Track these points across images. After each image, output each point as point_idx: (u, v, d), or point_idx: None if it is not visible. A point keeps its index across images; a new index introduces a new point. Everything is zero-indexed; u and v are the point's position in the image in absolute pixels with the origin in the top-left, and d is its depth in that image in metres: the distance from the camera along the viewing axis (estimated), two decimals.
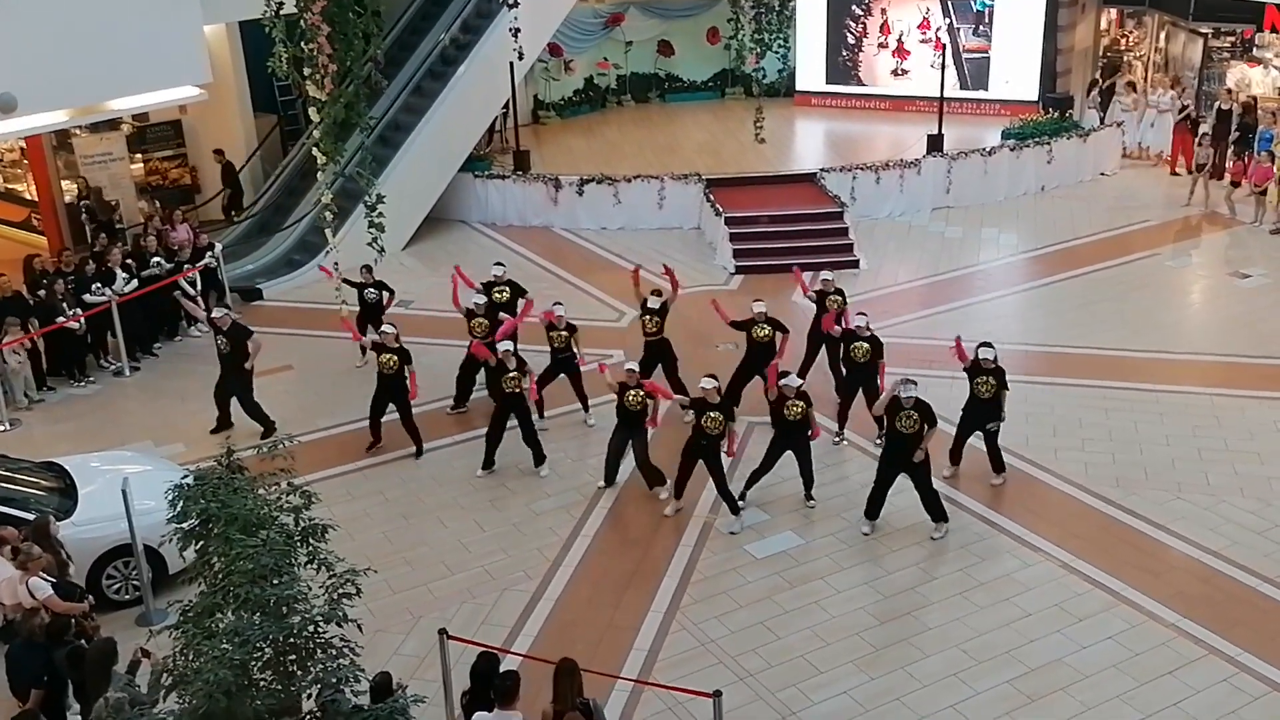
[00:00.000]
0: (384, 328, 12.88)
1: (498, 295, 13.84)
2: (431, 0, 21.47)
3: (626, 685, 9.23)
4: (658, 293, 13.39)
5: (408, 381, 12.62)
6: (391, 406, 12.75)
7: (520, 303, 13.99)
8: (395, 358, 12.52)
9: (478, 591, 10.58)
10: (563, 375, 13.27)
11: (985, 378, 11.57)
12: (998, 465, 11.92)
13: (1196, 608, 9.98)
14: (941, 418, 11.60)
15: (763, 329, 12.77)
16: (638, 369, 11.98)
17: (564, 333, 13.08)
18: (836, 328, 12.75)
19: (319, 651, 6.52)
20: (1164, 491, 11.71)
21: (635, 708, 9.12)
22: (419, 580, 10.77)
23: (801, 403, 11.26)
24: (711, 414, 11.08)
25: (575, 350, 13.16)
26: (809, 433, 11.41)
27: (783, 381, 11.33)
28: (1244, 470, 12.03)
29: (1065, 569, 10.60)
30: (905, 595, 10.36)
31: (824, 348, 13.38)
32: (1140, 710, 8.93)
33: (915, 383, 11.03)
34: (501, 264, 14.64)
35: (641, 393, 11.59)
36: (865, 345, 12.28)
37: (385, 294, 14.56)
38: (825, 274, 13.61)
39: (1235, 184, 19.05)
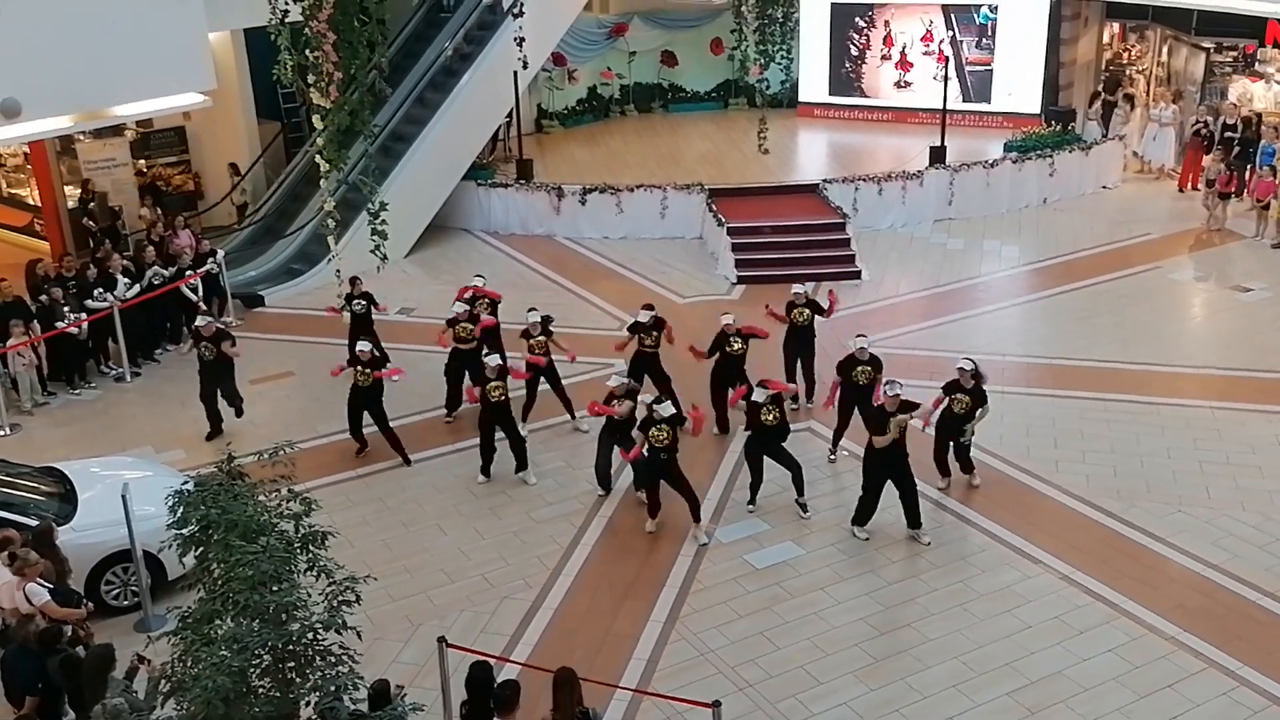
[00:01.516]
0: (359, 345, 12.89)
1: (480, 308, 13.81)
2: (436, 9, 21.53)
3: (626, 695, 9.22)
4: (650, 306, 13.41)
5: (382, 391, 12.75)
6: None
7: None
8: (370, 371, 12.57)
9: (477, 600, 10.57)
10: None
11: (961, 395, 11.59)
12: (967, 467, 11.96)
13: (1197, 621, 9.97)
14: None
15: (737, 341, 12.82)
16: (627, 380, 12.04)
17: (540, 338, 13.12)
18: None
19: (318, 659, 6.52)
20: (1165, 504, 11.70)
21: (634, 717, 9.10)
22: (418, 588, 10.76)
23: (776, 408, 11.32)
24: (657, 428, 11.06)
25: (554, 348, 13.24)
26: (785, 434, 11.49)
27: (758, 396, 11.37)
28: (1245, 484, 12.02)
29: (1065, 581, 10.58)
30: (905, 606, 10.34)
31: (799, 360, 13.42)
32: None
33: (900, 384, 11.05)
34: (481, 275, 14.61)
35: (629, 402, 11.61)
36: (868, 368, 12.22)
37: (372, 306, 14.53)
38: (796, 287, 13.59)
39: (1224, 196, 19.01)
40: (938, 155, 20.06)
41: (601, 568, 11.01)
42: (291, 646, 6.43)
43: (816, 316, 13.42)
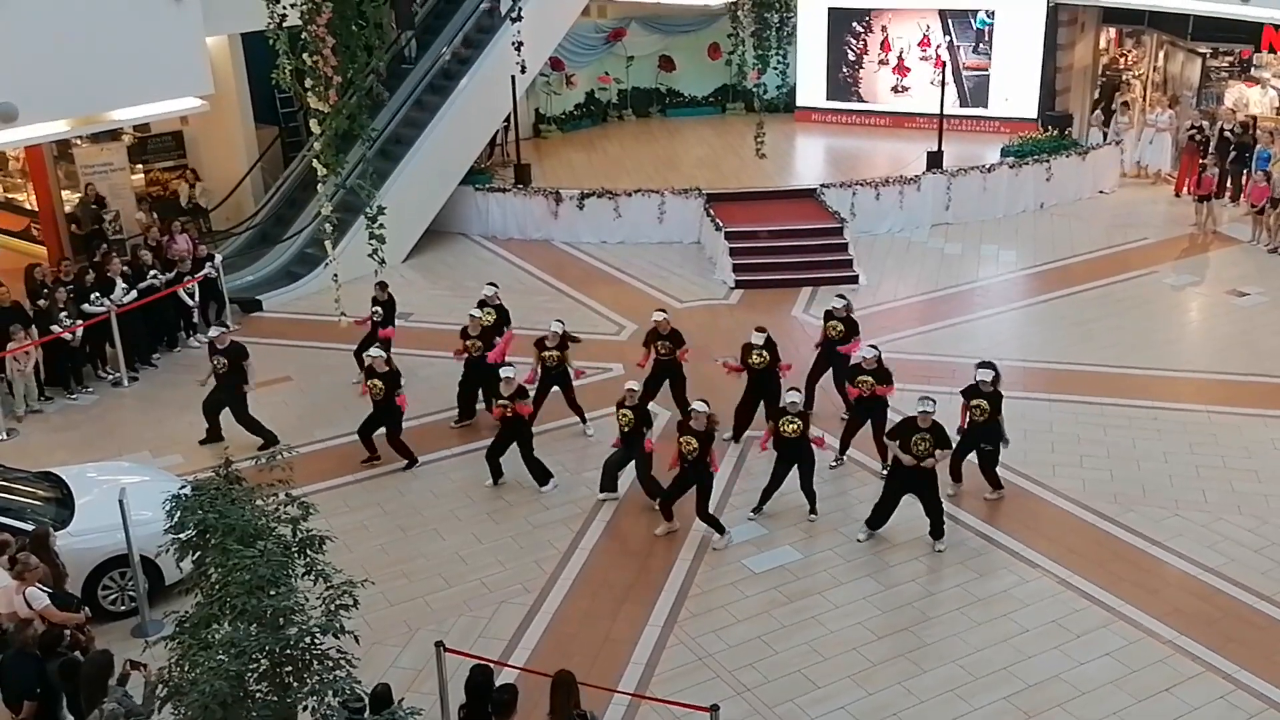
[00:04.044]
0: (371, 351, 12.87)
1: (485, 318, 13.74)
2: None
3: (624, 699, 9.21)
4: (663, 310, 13.43)
5: (397, 403, 12.62)
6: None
7: (504, 330, 13.92)
8: (381, 384, 12.51)
9: (475, 604, 10.56)
10: (556, 389, 13.31)
11: (980, 401, 11.61)
12: (994, 482, 11.94)
13: (1193, 625, 9.98)
14: None
15: (760, 355, 12.73)
16: (638, 388, 11.98)
17: (555, 351, 13.08)
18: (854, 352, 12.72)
19: (315, 663, 6.52)
20: (1161, 508, 11.71)
21: None
22: (416, 592, 10.75)
23: (799, 420, 11.29)
24: (688, 439, 11.05)
25: (569, 366, 13.19)
26: (810, 444, 11.40)
27: (787, 398, 11.37)
28: (1241, 487, 12.03)
29: (1063, 585, 10.59)
30: (903, 611, 10.35)
31: (831, 366, 13.39)
32: None
33: (934, 401, 11.02)
34: (494, 284, 14.53)
35: (631, 414, 11.63)
36: (870, 380, 12.18)
37: (388, 319, 14.42)
38: (837, 300, 13.43)
39: (1203, 199, 19.05)
40: (935, 160, 20.10)
41: (600, 572, 11.01)
42: (289, 651, 6.43)
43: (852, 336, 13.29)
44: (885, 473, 12.01)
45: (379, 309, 14.39)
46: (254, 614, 6.34)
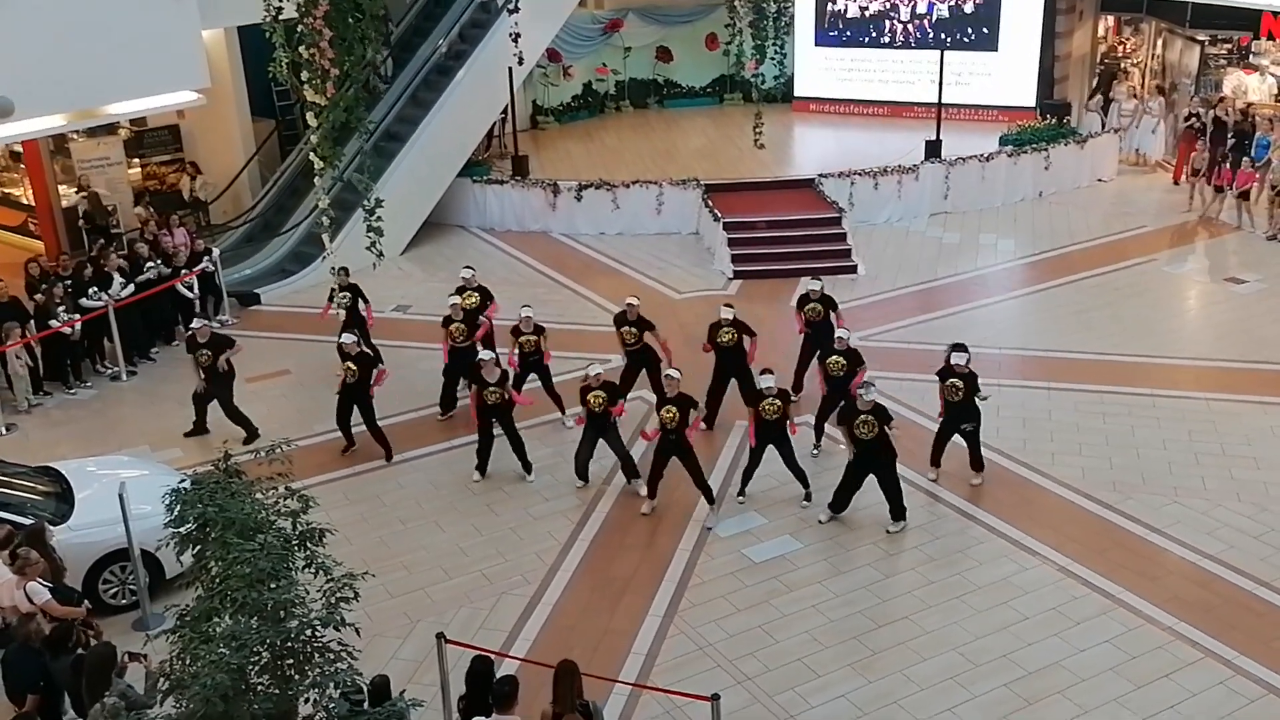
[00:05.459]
0: (344, 336, 12.87)
1: (467, 301, 13.80)
2: (432, 5, 21.52)
3: (625, 689, 9.24)
4: (635, 296, 13.46)
5: (370, 387, 12.65)
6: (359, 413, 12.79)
7: (489, 306, 14.02)
8: (354, 366, 12.52)
9: (475, 596, 10.58)
10: (533, 376, 13.35)
11: (954, 380, 11.69)
12: (977, 464, 11.98)
13: (1193, 611, 10.00)
14: (925, 414, 11.70)
15: (728, 332, 12.79)
16: (602, 370, 11.96)
17: (532, 336, 13.10)
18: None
19: (316, 656, 6.53)
20: (1161, 496, 11.73)
21: (634, 711, 9.12)
22: (416, 584, 10.77)
23: (779, 400, 11.37)
24: (668, 407, 11.23)
25: (543, 349, 13.19)
26: (787, 428, 11.53)
27: (762, 383, 11.44)
28: (1240, 475, 12.05)
29: (1062, 573, 10.61)
30: (903, 599, 10.37)
31: (817, 349, 13.40)
32: (1137, 713, 8.94)
33: (874, 384, 11.18)
34: (471, 268, 14.52)
35: (603, 395, 11.73)
36: (841, 360, 12.24)
37: (359, 300, 14.43)
38: (812, 283, 13.55)
39: (1219, 189, 19.06)
40: (933, 149, 20.07)
41: (599, 563, 11.03)
42: (290, 644, 6.44)
43: (830, 312, 13.35)
44: (815, 454, 12.46)
45: (345, 293, 14.34)
46: (255, 607, 6.35)
